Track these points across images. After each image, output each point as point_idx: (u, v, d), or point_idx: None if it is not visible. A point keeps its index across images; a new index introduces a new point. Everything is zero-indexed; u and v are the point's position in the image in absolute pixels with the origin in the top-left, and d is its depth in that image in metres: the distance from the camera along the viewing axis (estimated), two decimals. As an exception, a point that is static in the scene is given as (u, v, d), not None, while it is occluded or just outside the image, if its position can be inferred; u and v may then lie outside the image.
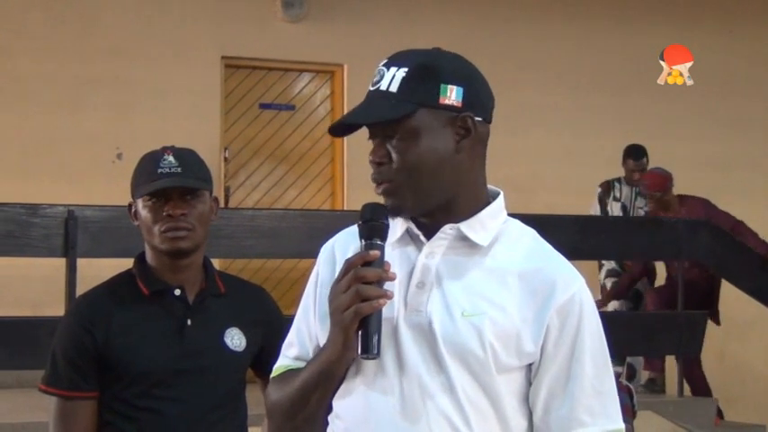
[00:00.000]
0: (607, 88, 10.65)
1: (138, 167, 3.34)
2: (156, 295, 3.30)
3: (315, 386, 2.24)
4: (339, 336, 2.16)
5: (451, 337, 2.17)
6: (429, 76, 2.19)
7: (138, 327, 3.26)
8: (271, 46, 9.81)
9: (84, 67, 9.23)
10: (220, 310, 3.35)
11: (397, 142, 2.19)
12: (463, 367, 2.17)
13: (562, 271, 2.25)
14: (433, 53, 2.26)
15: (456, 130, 2.21)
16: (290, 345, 2.39)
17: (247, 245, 7.25)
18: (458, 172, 2.23)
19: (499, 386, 2.19)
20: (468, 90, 2.22)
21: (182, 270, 3.31)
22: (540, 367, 2.21)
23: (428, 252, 2.23)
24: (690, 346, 8.33)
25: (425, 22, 9.95)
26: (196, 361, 3.26)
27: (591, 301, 2.25)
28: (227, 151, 9.72)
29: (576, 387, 2.20)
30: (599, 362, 2.23)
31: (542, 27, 10.64)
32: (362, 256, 2.17)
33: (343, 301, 2.14)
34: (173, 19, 9.55)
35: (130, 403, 3.24)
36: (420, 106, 2.18)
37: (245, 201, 9.80)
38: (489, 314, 2.18)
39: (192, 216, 3.26)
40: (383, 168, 2.21)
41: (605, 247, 8.49)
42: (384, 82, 2.21)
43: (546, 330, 2.19)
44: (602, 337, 2.25)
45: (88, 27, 9.33)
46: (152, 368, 3.23)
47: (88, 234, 6.58)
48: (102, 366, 3.25)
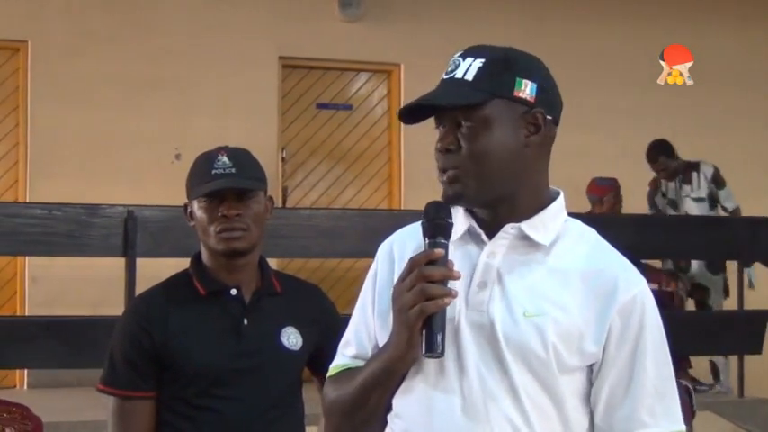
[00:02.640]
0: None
1: (193, 168, 3.35)
2: (212, 295, 3.31)
3: (375, 384, 2.24)
4: (403, 334, 2.16)
5: (514, 337, 2.17)
6: (505, 68, 2.20)
7: (195, 326, 3.28)
8: (328, 46, 9.83)
9: (144, 69, 9.29)
10: (276, 309, 3.35)
11: (467, 130, 2.18)
12: (525, 368, 2.16)
13: (624, 272, 2.24)
14: (509, 49, 2.26)
15: (527, 124, 2.21)
16: (348, 344, 2.38)
17: (305, 244, 7.28)
18: (523, 167, 2.22)
19: (561, 386, 2.18)
20: (542, 87, 2.23)
21: (238, 270, 3.32)
22: (601, 368, 2.20)
23: (489, 251, 2.23)
24: (750, 346, 8.25)
25: (482, 22, 9.91)
26: (253, 360, 3.27)
27: (653, 302, 2.24)
28: (284, 151, 9.75)
29: (638, 388, 2.20)
30: (660, 362, 2.23)
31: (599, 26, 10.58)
32: (427, 254, 2.16)
33: (408, 299, 2.13)
34: (230, 20, 9.60)
35: (189, 402, 3.25)
36: (494, 96, 2.18)
37: (303, 200, 9.82)
38: (551, 314, 2.17)
39: (247, 216, 3.27)
40: (450, 156, 2.20)
41: (664, 246, 8.42)
42: (459, 71, 2.20)
43: (608, 331, 2.19)
44: (664, 338, 2.25)
45: (148, 29, 9.40)
46: (209, 367, 3.24)
47: (147, 234, 6.63)
48: (159, 366, 3.26)
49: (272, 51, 9.71)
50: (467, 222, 2.26)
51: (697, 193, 9.07)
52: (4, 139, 9.22)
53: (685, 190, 9.15)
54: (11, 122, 9.23)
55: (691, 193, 9.10)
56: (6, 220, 6.56)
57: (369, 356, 2.32)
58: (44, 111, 9.09)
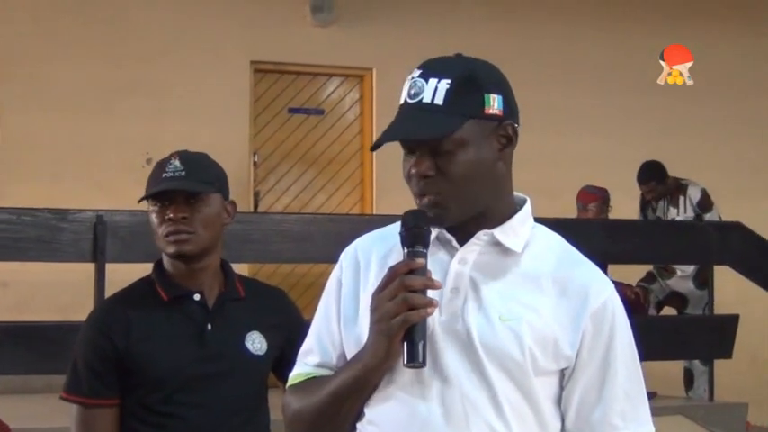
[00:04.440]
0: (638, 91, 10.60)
1: (151, 172, 3.35)
2: (175, 301, 3.30)
3: (348, 393, 2.22)
4: (382, 343, 2.14)
5: (491, 342, 2.16)
6: (473, 87, 2.18)
7: (158, 332, 3.26)
8: (300, 50, 9.81)
9: (115, 73, 9.26)
10: (240, 314, 3.34)
11: (444, 155, 2.16)
12: (502, 371, 2.16)
13: (594, 277, 2.25)
14: (466, 61, 2.24)
15: (498, 138, 2.21)
16: (310, 352, 2.36)
17: (276, 249, 7.25)
18: (498, 180, 2.23)
19: (537, 389, 2.18)
20: (507, 98, 2.22)
21: (197, 274, 3.31)
22: (573, 372, 2.21)
23: (461, 258, 2.22)
24: (720, 350, 8.28)
25: (455, 27, 9.93)
26: (217, 366, 3.26)
27: (621, 307, 2.26)
28: (256, 156, 9.73)
29: (609, 392, 2.21)
30: (630, 367, 2.24)
31: (574, 29, 10.60)
32: (408, 263, 2.14)
33: (390, 309, 2.11)
34: (202, 24, 9.57)
35: (152, 409, 3.24)
36: (467, 118, 2.16)
37: (275, 205, 9.79)
38: (526, 318, 2.17)
39: (195, 219, 3.26)
40: (429, 181, 2.18)
41: (635, 252, 8.45)
42: (426, 94, 2.17)
43: (581, 336, 2.19)
44: (633, 342, 2.26)
45: (118, 32, 9.36)
46: (173, 374, 3.23)
47: (117, 239, 6.60)
48: (122, 373, 3.25)
49: (243, 56, 9.68)
50: (436, 229, 2.25)
51: (683, 216, 9.10)
52: (-26, 144, 9.16)
53: (671, 212, 9.19)
54: (-20, 127, 9.18)
55: (676, 216, 9.13)
56: (-26, 225, 6.52)
57: (333, 364, 2.31)
58: (14, 115, 9.02)
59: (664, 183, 9.15)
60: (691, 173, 9.71)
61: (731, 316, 8.33)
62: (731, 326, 8.25)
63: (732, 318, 8.31)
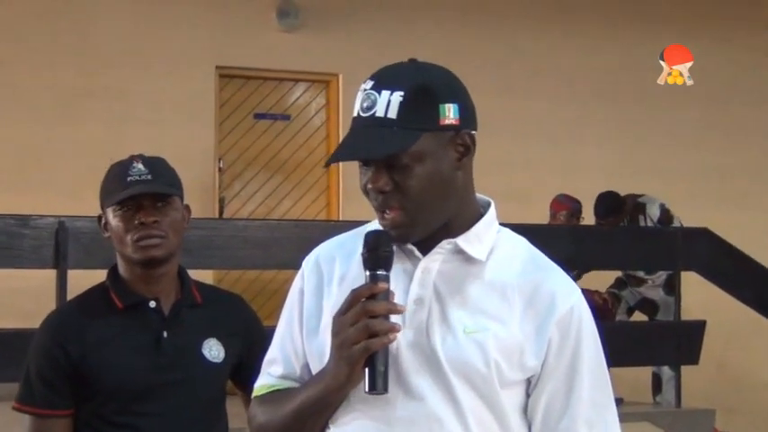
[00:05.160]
0: (608, 98, 10.62)
1: (107, 177, 3.29)
2: (130, 308, 3.23)
3: (311, 412, 2.17)
4: (344, 369, 2.09)
5: (455, 355, 2.12)
6: (427, 98, 2.11)
7: (112, 341, 3.20)
8: (266, 56, 9.76)
9: (79, 78, 9.19)
10: (197, 320, 3.28)
11: (401, 169, 2.10)
12: (467, 385, 2.12)
13: (560, 283, 2.21)
14: (419, 70, 2.17)
15: (456, 148, 2.15)
16: (274, 362, 2.31)
17: (241, 255, 7.20)
18: (459, 190, 2.17)
19: (503, 402, 2.14)
20: (462, 105, 2.15)
21: (156, 281, 3.24)
22: (540, 380, 2.17)
23: (424, 267, 2.17)
24: (688, 356, 8.27)
25: (422, 32, 9.90)
26: (173, 374, 3.20)
27: (588, 313, 2.22)
28: (221, 161, 9.67)
29: (576, 399, 2.17)
30: (597, 373, 2.20)
31: (540, 37, 10.60)
32: (370, 288, 2.08)
33: (352, 335, 2.06)
34: (167, 29, 9.51)
35: (108, 420, 3.17)
36: (423, 131, 2.10)
37: (240, 211, 9.74)
38: (492, 330, 2.13)
39: (165, 223, 3.20)
40: (387, 196, 2.12)
41: (602, 258, 8.45)
42: (379, 108, 2.10)
43: (547, 344, 2.15)
44: (600, 349, 2.22)
45: (83, 38, 9.29)
46: (128, 383, 3.16)
47: (79, 245, 6.53)
48: (77, 383, 3.18)
49: (209, 61, 9.63)
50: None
51: None
52: (-64, 150, 9.06)
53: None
54: (-59, 132, 9.08)
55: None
56: (-67, 231, 6.44)
57: (297, 375, 2.26)
58: (-24, 121, 8.94)
59: (621, 213, 9.11)
60: (661, 179, 9.72)
61: (698, 322, 8.34)
62: (698, 332, 8.25)
63: (699, 324, 8.31)
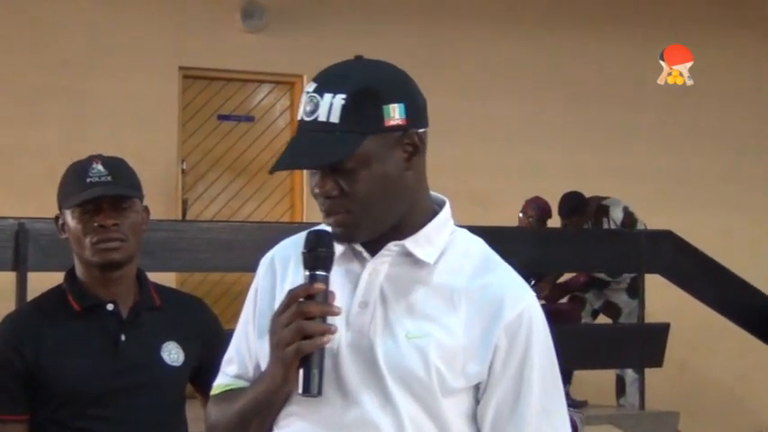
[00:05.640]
0: (572, 100, 10.63)
1: (65, 178, 3.23)
2: (88, 311, 3.18)
3: (254, 413, 2.15)
4: (279, 370, 2.06)
5: (395, 360, 2.08)
6: (370, 101, 2.05)
7: (69, 345, 3.15)
8: (229, 57, 9.71)
9: (39, 78, 9.10)
10: (156, 323, 3.23)
11: (346, 174, 2.05)
12: (407, 392, 2.07)
13: (511, 286, 2.15)
14: (363, 69, 2.12)
15: (404, 148, 2.09)
16: (230, 361, 2.29)
17: (204, 258, 7.15)
18: (409, 191, 2.12)
19: (445, 410, 2.09)
20: (409, 104, 2.09)
21: (114, 283, 3.19)
22: (487, 386, 2.12)
23: (372, 269, 2.13)
24: (651, 359, 8.29)
25: (386, 34, 9.87)
26: (132, 378, 3.15)
27: (541, 317, 2.17)
28: (184, 163, 9.60)
29: (525, 407, 2.12)
30: (548, 380, 2.15)
31: (505, 38, 10.59)
32: (306, 288, 2.05)
33: (285, 336, 2.03)
34: (130, 29, 9.44)
35: (65, 425, 3.12)
36: (367, 134, 2.05)
37: (204, 213, 9.68)
38: (435, 336, 2.08)
39: (125, 226, 3.15)
40: (334, 201, 2.08)
41: (565, 260, 8.45)
42: (322, 112, 2.05)
43: (494, 349, 2.10)
44: (552, 355, 2.17)
45: (43, 37, 9.21)
46: (85, 387, 3.11)
47: (39, 247, 6.45)
48: (32, 387, 3.12)
49: (172, 61, 9.56)
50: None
51: None
52: None
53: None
54: None
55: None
56: None
57: (250, 375, 2.24)
58: (-65, 121, 8.85)
59: (585, 214, 9.14)
60: (625, 182, 9.73)
61: (662, 325, 8.35)
62: (662, 335, 8.26)
63: (663, 326, 8.33)
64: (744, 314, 8.69)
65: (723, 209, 10.84)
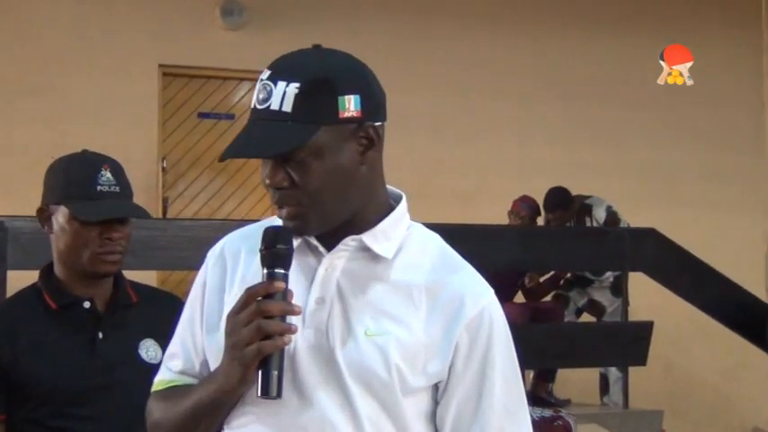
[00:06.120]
0: (556, 97, 10.59)
1: (66, 173, 3.15)
2: (64, 309, 3.14)
3: (204, 414, 2.08)
4: (236, 371, 1.99)
5: (354, 358, 2.02)
6: (325, 90, 2.00)
7: (45, 343, 3.09)
8: (209, 54, 9.65)
9: (18, 76, 9.04)
10: (133, 321, 3.19)
11: (297, 165, 2.00)
12: (366, 391, 2.02)
13: (471, 284, 2.11)
14: (320, 58, 2.06)
15: (359, 141, 2.04)
16: (174, 356, 2.24)
17: (185, 256, 7.07)
18: (363, 185, 2.07)
19: (405, 409, 2.04)
20: (365, 96, 2.04)
21: (94, 284, 3.15)
22: (447, 386, 2.07)
23: (328, 265, 2.08)
24: (635, 357, 8.25)
25: (367, 31, 9.83)
26: (109, 376, 3.10)
27: (501, 315, 2.12)
28: (164, 161, 9.54)
29: (486, 407, 2.08)
30: (510, 379, 2.11)
31: (487, 34, 10.55)
32: (265, 286, 1.99)
33: (244, 336, 1.96)
34: (109, 27, 9.37)
35: (42, 424, 3.06)
36: (320, 125, 1.99)
37: (184, 212, 9.63)
38: (395, 333, 2.03)
39: (125, 238, 3.14)
40: (285, 192, 2.03)
41: (549, 259, 8.41)
42: (275, 100, 1.99)
43: (455, 348, 2.06)
44: (513, 353, 2.13)
45: (22, 35, 9.14)
46: (62, 386, 3.05)
47: (19, 246, 6.39)
48: (9, 387, 3.06)
49: (152, 59, 9.49)
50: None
51: None
52: None
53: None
54: None
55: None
56: None
57: (196, 372, 2.19)
58: None
59: (569, 209, 9.11)
60: (608, 179, 9.71)
61: (646, 323, 8.31)
62: (646, 333, 8.22)
63: (646, 325, 8.28)
64: (728, 312, 8.65)
65: (706, 206, 10.82)
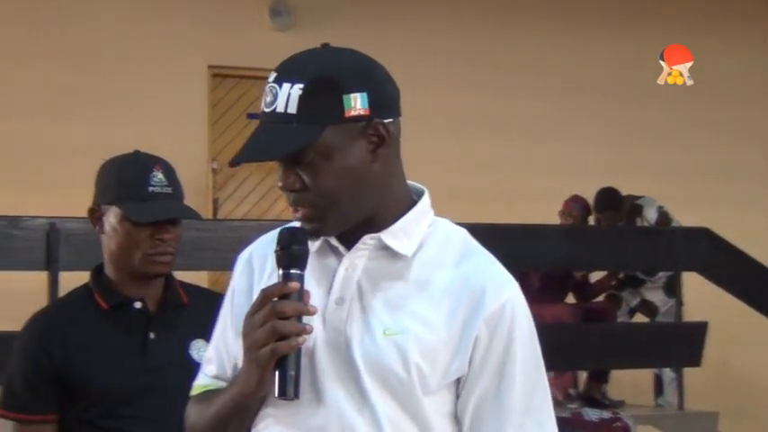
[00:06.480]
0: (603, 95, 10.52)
1: (118, 173, 3.15)
2: (115, 309, 3.12)
3: (229, 417, 2.08)
4: (254, 373, 1.98)
5: (372, 358, 1.99)
6: (329, 90, 1.97)
7: (97, 343, 3.08)
8: (258, 55, 9.62)
9: (69, 77, 9.08)
10: (184, 321, 3.17)
11: (307, 167, 1.98)
12: (386, 391, 1.99)
13: (492, 277, 2.06)
14: (325, 57, 2.03)
15: (368, 139, 2.01)
16: (209, 361, 2.24)
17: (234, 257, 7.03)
18: (378, 183, 2.03)
19: (427, 409, 2.01)
20: (373, 93, 2.00)
21: (145, 284, 3.14)
22: (467, 381, 2.03)
23: (348, 264, 2.05)
24: (689, 358, 8.16)
25: (416, 30, 9.81)
26: (160, 376, 3.08)
27: (525, 310, 2.07)
28: (214, 162, 9.56)
29: (506, 403, 2.03)
30: (532, 376, 2.06)
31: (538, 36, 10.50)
32: (280, 287, 1.97)
33: (259, 337, 1.95)
34: (159, 28, 9.41)
35: (94, 424, 3.04)
36: (326, 125, 1.97)
37: (234, 212, 9.65)
38: (414, 331, 2.00)
39: (176, 239, 3.13)
40: (298, 195, 2.01)
41: (600, 259, 8.34)
42: (280, 102, 1.97)
43: (474, 342, 2.01)
44: (537, 350, 2.08)
45: (73, 36, 9.19)
46: (114, 387, 3.04)
47: (71, 246, 6.41)
48: (61, 387, 3.05)
49: (201, 60, 9.52)
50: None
51: None
52: (-74, 150, 8.96)
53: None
54: (-68, 133, 8.97)
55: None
56: (-77, 232, 6.32)
57: (228, 377, 2.18)
58: (-34, 121, 8.83)
59: (620, 210, 9.03)
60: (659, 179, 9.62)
61: (700, 323, 8.22)
62: (700, 333, 8.13)
63: (701, 325, 8.19)
64: (784, 312, 8.56)
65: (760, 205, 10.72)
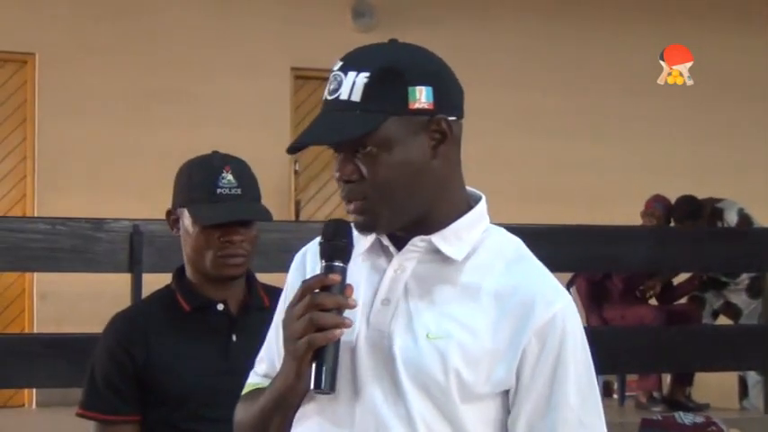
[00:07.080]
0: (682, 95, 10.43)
1: (190, 177, 3.17)
2: (197, 311, 3.14)
3: (272, 413, 2.08)
4: (292, 365, 1.98)
5: (412, 360, 1.97)
6: (395, 80, 1.96)
7: (179, 345, 3.10)
8: (340, 56, 9.67)
9: (153, 81, 9.18)
10: (266, 324, 3.17)
11: (366, 157, 1.97)
12: (424, 394, 1.97)
13: (543, 288, 2.02)
14: (392, 50, 2.03)
15: (430, 134, 1.99)
16: (261, 360, 2.25)
17: (316, 259, 7.10)
18: (436, 181, 2.01)
19: (464, 416, 1.98)
20: (438, 88, 1.99)
21: (226, 286, 3.15)
22: (516, 395, 2.00)
23: (397, 266, 2.03)
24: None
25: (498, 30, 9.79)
26: (243, 379, 3.09)
27: (577, 323, 2.03)
28: (297, 164, 9.61)
29: (558, 419, 1.99)
30: (584, 390, 2.01)
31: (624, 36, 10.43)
32: (321, 279, 1.97)
33: (297, 328, 1.95)
34: (241, 31, 9.48)
35: (176, 426, 3.06)
36: (389, 115, 1.96)
37: (317, 214, 9.68)
38: (457, 337, 1.97)
39: (248, 241, 3.12)
40: (353, 186, 1.99)
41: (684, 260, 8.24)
42: (344, 90, 1.97)
43: (522, 354, 1.98)
44: (589, 363, 2.04)
45: (156, 39, 9.29)
46: (197, 388, 3.05)
47: (154, 249, 6.45)
48: (143, 388, 3.08)
49: (284, 62, 9.59)
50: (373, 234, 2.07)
51: None
52: (12, 153, 9.13)
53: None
54: (19, 136, 9.13)
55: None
56: (9, 235, 6.37)
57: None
58: (51, 124, 8.98)
59: (699, 218, 8.93)
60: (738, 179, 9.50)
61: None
62: (786, 335, 8.02)
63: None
64: None
65: None
